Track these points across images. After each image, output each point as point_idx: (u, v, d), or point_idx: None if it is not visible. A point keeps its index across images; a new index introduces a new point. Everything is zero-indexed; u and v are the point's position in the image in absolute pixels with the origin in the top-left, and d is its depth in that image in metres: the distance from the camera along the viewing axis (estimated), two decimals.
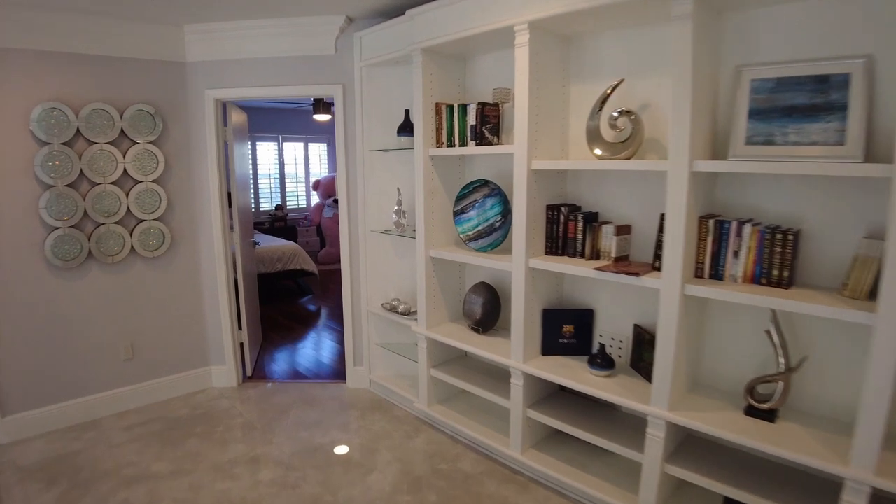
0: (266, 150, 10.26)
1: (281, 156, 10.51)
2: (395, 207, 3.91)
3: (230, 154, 4.41)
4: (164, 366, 4.32)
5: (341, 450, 3.54)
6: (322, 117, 7.67)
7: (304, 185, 11.00)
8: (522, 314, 3.06)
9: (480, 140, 3.28)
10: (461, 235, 3.50)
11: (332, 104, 7.64)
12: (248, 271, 4.81)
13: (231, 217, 4.51)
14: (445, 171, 3.63)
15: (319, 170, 11.10)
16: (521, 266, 3.02)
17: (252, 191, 10.04)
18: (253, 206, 10.00)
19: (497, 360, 3.21)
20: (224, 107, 4.33)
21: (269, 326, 6.22)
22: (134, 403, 4.19)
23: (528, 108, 2.86)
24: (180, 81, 4.11)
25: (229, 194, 4.44)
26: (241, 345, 4.65)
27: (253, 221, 6.36)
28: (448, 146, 3.45)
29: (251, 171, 9.96)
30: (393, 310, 4.04)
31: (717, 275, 2.51)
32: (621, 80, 2.77)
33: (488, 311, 3.52)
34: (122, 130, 3.84)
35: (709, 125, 2.49)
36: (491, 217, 3.36)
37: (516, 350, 3.12)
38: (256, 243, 5.18)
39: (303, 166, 10.91)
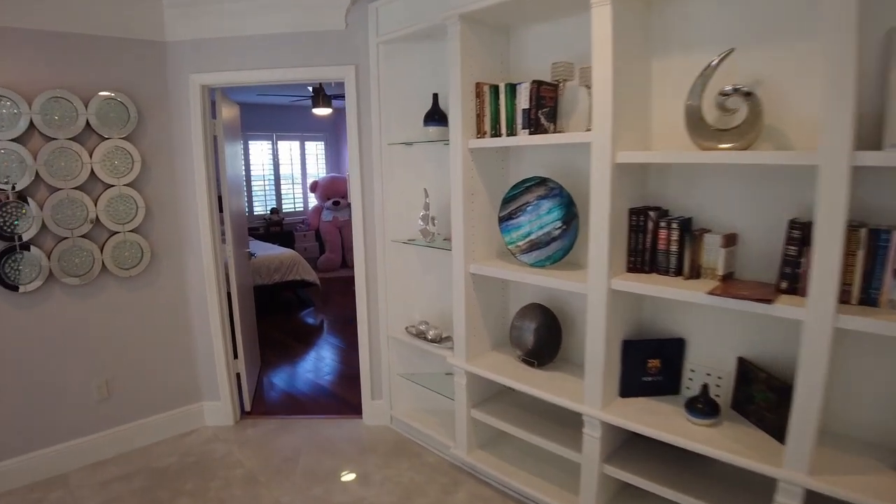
0: (259, 150, 9.54)
1: (275, 156, 9.79)
2: (422, 213, 3.24)
3: (220, 152, 3.73)
4: (146, 405, 3.63)
5: None
6: (322, 111, 6.97)
7: (300, 186, 10.28)
8: (603, 348, 2.40)
9: (535, 128, 2.63)
10: (509, 246, 2.84)
11: (332, 97, 6.95)
12: (243, 288, 4.13)
13: (223, 225, 3.82)
14: (486, 167, 2.96)
15: (317, 170, 10.40)
16: (602, 287, 2.35)
17: (245, 194, 9.32)
18: (246, 210, 9.28)
19: (567, 405, 2.55)
20: (213, 96, 3.64)
21: (266, 345, 5.52)
22: (111, 451, 3.49)
23: (613, 85, 2.20)
24: (159, 64, 3.42)
25: (220, 199, 3.75)
26: (238, 375, 3.97)
27: (247, 227, 5.66)
28: (493, 136, 2.78)
29: (243, 173, 9.24)
30: (420, 336, 3.37)
31: (869, 300, 1.90)
32: (731, 50, 2.13)
33: (544, 339, 2.86)
34: (87, 123, 3.14)
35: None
36: (548, 224, 2.70)
37: (593, 393, 2.46)
38: (252, 254, 4.50)
39: (299, 166, 10.20)
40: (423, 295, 3.58)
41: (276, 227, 9.44)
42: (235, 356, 3.92)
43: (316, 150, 10.37)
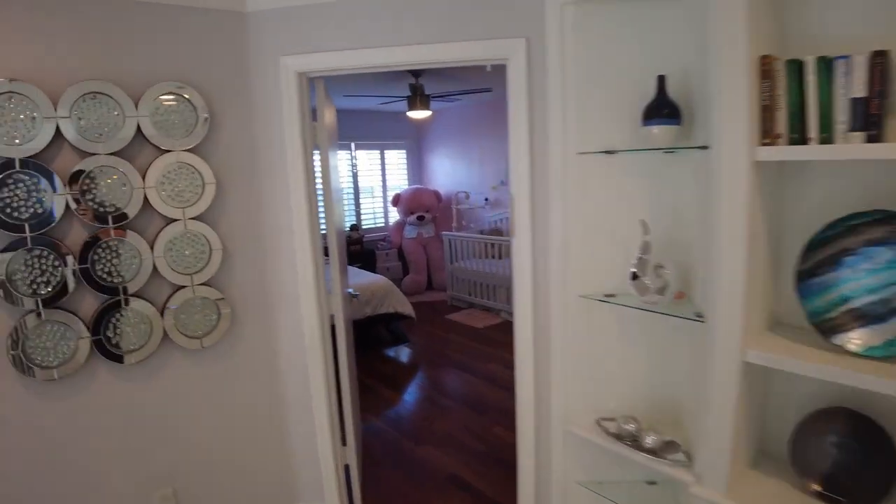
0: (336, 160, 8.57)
1: (354, 166, 8.85)
2: (637, 256, 2.10)
3: (324, 165, 2.72)
4: None
5: None
6: (420, 114, 5.92)
7: (380, 200, 9.31)
8: None
9: (878, 130, 1.48)
10: (813, 320, 1.68)
11: (431, 97, 5.88)
12: (348, 349, 3.08)
13: (326, 265, 2.81)
14: (763, 192, 1.79)
15: (398, 181, 9.41)
16: None
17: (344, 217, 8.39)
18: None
19: None
20: (312, 88, 2.62)
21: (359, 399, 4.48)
22: None
23: None
24: (237, 44, 2.43)
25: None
26: (347, 467, 2.94)
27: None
28: (793, 142, 1.63)
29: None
30: (624, 438, 2.23)
31: None
32: None
33: (858, 464, 1.69)
34: (138, 130, 2.17)
35: None
36: (888, 285, 1.54)
37: None
38: (356, 295, 3.48)
39: (379, 178, 9.23)
40: (624, 375, 2.42)
41: (356, 246, 8.47)
42: (343, 442, 2.89)
43: (397, 159, 9.39)
